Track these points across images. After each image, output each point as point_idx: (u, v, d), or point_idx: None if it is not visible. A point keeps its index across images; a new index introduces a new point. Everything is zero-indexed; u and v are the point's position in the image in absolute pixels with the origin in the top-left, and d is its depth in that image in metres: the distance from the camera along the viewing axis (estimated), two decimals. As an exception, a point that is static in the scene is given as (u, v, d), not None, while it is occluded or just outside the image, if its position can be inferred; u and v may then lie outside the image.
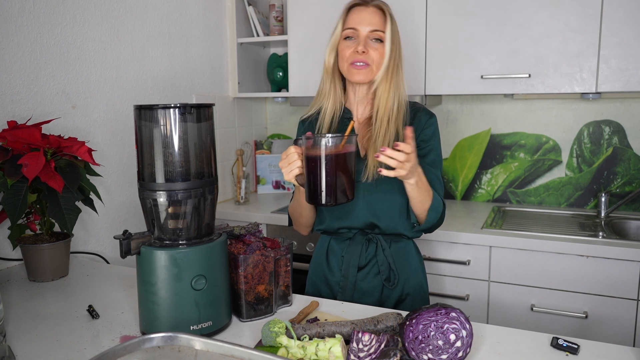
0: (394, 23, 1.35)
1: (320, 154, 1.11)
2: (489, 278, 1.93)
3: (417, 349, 0.92)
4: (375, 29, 1.33)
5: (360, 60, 1.33)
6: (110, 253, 1.89)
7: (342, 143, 1.12)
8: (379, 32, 1.33)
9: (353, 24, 1.34)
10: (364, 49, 1.32)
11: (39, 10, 1.63)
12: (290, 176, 1.19)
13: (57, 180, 1.33)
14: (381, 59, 1.34)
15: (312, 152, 1.12)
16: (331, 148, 1.11)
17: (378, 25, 1.33)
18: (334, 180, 1.13)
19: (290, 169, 1.18)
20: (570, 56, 1.96)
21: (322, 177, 1.12)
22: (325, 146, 1.11)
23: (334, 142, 1.12)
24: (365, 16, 1.33)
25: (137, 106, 1.05)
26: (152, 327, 1.04)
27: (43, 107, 1.66)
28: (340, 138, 1.12)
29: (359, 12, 1.34)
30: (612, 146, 2.23)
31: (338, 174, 1.13)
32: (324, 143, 1.11)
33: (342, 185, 1.14)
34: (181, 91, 2.29)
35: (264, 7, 2.71)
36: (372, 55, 1.33)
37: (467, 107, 2.46)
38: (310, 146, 1.13)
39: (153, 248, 1.03)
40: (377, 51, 1.33)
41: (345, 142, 1.13)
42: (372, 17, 1.33)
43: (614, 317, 1.77)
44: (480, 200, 2.50)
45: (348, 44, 1.35)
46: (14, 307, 1.24)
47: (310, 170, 1.14)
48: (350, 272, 1.40)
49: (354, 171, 1.17)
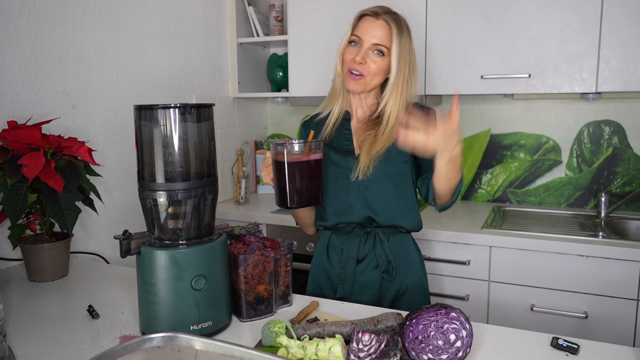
0: (403, 38, 1.34)
1: (284, 160, 1.18)
2: (489, 278, 1.93)
3: (417, 349, 0.92)
4: (379, 42, 1.34)
5: (356, 69, 1.35)
6: (110, 253, 1.89)
7: (306, 150, 1.19)
8: (382, 46, 1.34)
9: (359, 33, 1.36)
10: (362, 60, 1.34)
11: (39, 10, 1.63)
12: (268, 179, 1.29)
13: (57, 180, 1.33)
14: (378, 72, 1.36)
15: (278, 159, 1.20)
16: (294, 155, 1.19)
17: (383, 39, 1.34)
18: (298, 185, 1.20)
19: (267, 172, 1.28)
20: (570, 56, 1.96)
21: (286, 182, 1.19)
22: (287, 153, 1.18)
23: (298, 149, 1.19)
24: (372, 28, 1.34)
25: (137, 106, 1.05)
26: (152, 327, 1.04)
27: (43, 107, 1.66)
28: (303, 145, 1.19)
29: (368, 22, 1.36)
30: (612, 146, 2.23)
31: (301, 179, 1.19)
32: (286, 150, 1.18)
33: (305, 190, 1.21)
34: (181, 91, 2.29)
35: (264, 7, 2.71)
36: (369, 67, 1.35)
37: (467, 107, 2.46)
38: (277, 153, 1.20)
39: (153, 248, 1.03)
40: (376, 64, 1.35)
41: (310, 150, 1.19)
42: (379, 30, 1.34)
43: (614, 317, 1.77)
44: (480, 200, 2.50)
45: (350, 49, 1.37)
46: (14, 307, 1.24)
47: (276, 175, 1.22)
48: (349, 264, 1.42)
49: (319, 176, 1.23)
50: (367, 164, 1.36)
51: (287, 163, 1.18)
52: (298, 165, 1.18)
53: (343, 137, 1.44)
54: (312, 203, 1.24)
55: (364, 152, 1.37)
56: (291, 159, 1.18)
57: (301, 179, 1.19)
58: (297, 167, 1.18)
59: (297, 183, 1.19)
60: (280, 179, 1.20)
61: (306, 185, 1.20)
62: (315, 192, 1.23)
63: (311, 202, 1.23)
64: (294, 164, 1.18)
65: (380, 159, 1.36)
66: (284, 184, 1.19)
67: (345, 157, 1.41)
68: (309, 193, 1.21)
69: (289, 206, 1.21)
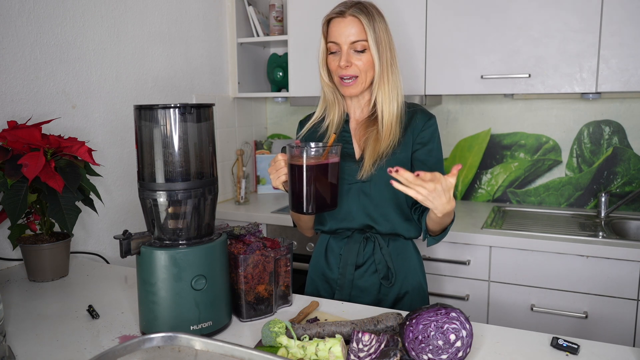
0: (377, 25, 1.31)
1: (302, 163, 1.13)
2: (489, 278, 1.93)
3: (417, 349, 0.92)
4: (356, 39, 1.30)
5: (346, 75, 1.32)
6: (110, 253, 1.89)
7: (325, 154, 1.15)
8: (360, 42, 1.31)
9: (333, 38, 1.33)
10: (346, 63, 1.31)
11: (39, 10, 1.63)
12: (278, 183, 1.23)
13: (57, 180, 1.33)
14: (368, 67, 1.33)
15: (295, 162, 1.15)
16: (313, 158, 1.14)
17: (357, 35, 1.30)
18: (315, 189, 1.15)
19: (278, 176, 1.22)
20: (570, 56, 1.96)
21: (303, 186, 1.14)
22: (307, 156, 1.13)
23: (316, 153, 1.15)
24: (344, 28, 1.31)
25: (137, 106, 1.05)
26: (152, 327, 1.04)
27: (43, 107, 1.66)
28: (323, 149, 1.15)
29: (337, 24, 1.32)
30: (612, 146, 2.23)
31: (319, 183, 1.15)
32: (306, 153, 1.13)
33: (323, 195, 1.17)
34: (181, 91, 2.29)
35: (264, 7, 2.71)
36: (358, 66, 1.32)
37: (467, 107, 2.46)
38: (294, 156, 1.15)
39: (153, 248, 1.03)
40: (362, 61, 1.32)
41: (328, 153, 1.15)
42: (350, 28, 1.30)
43: (614, 317, 1.77)
44: (480, 200, 2.50)
45: (333, 58, 1.35)
46: (14, 307, 1.24)
47: (292, 179, 1.17)
48: (347, 270, 1.41)
49: (336, 181, 1.19)
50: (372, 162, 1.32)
51: (305, 167, 1.13)
52: (317, 169, 1.13)
53: (342, 141, 1.42)
54: (329, 209, 1.20)
55: (369, 149, 1.34)
56: (309, 163, 1.13)
57: (320, 184, 1.15)
58: (316, 171, 1.13)
59: (315, 188, 1.14)
60: (297, 184, 1.15)
61: (324, 191, 1.16)
62: (333, 197, 1.19)
63: (327, 208, 1.19)
64: (313, 168, 1.13)
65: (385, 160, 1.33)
66: (300, 189, 1.14)
67: (345, 162, 1.38)
68: (327, 198, 1.17)
69: (305, 211, 1.16)
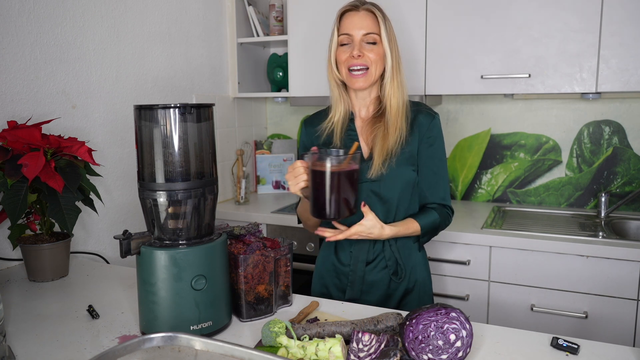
0: (387, 22, 1.37)
1: (326, 170, 1.17)
2: (489, 278, 1.93)
3: (417, 349, 0.92)
4: (369, 32, 1.34)
5: (357, 64, 1.34)
6: (110, 253, 1.89)
7: (347, 161, 1.18)
8: (372, 34, 1.34)
9: (346, 30, 1.36)
10: (359, 52, 1.34)
11: (39, 10, 1.63)
12: (296, 189, 1.26)
13: (57, 180, 1.33)
14: (379, 60, 1.36)
15: (318, 168, 1.18)
16: (335, 165, 1.17)
17: (371, 28, 1.34)
18: (338, 195, 1.18)
19: (297, 182, 1.25)
20: (570, 56, 1.96)
21: (326, 193, 1.18)
22: (331, 163, 1.16)
23: (338, 160, 1.17)
24: (358, 20, 1.35)
25: (137, 106, 1.05)
26: (152, 327, 1.04)
27: (43, 107, 1.66)
28: (345, 157, 1.18)
29: (351, 17, 1.36)
30: (612, 146, 2.23)
31: (341, 190, 1.18)
32: (329, 160, 1.16)
33: (345, 201, 1.20)
34: (181, 91, 2.29)
35: (264, 7, 2.71)
36: (369, 58, 1.34)
37: (467, 107, 2.46)
38: (316, 162, 1.18)
39: (153, 248, 1.03)
40: (373, 52, 1.35)
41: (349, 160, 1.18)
42: (364, 20, 1.34)
43: (614, 317, 1.77)
44: (480, 200, 2.50)
45: (344, 49, 1.37)
46: (14, 307, 1.24)
47: (315, 186, 1.20)
48: (358, 266, 1.43)
49: (357, 187, 1.22)
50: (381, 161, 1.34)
51: (329, 173, 1.16)
52: (340, 175, 1.17)
53: (348, 139, 1.42)
54: (350, 214, 1.22)
55: (378, 147, 1.35)
56: (333, 169, 1.17)
57: (343, 190, 1.18)
58: (339, 178, 1.17)
59: (338, 194, 1.18)
60: (321, 190, 1.18)
61: (347, 196, 1.19)
62: (355, 202, 1.22)
63: (347, 214, 1.22)
64: (336, 175, 1.17)
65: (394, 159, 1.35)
66: (323, 195, 1.18)
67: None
68: (349, 204, 1.20)
69: (328, 217, 1.20)
